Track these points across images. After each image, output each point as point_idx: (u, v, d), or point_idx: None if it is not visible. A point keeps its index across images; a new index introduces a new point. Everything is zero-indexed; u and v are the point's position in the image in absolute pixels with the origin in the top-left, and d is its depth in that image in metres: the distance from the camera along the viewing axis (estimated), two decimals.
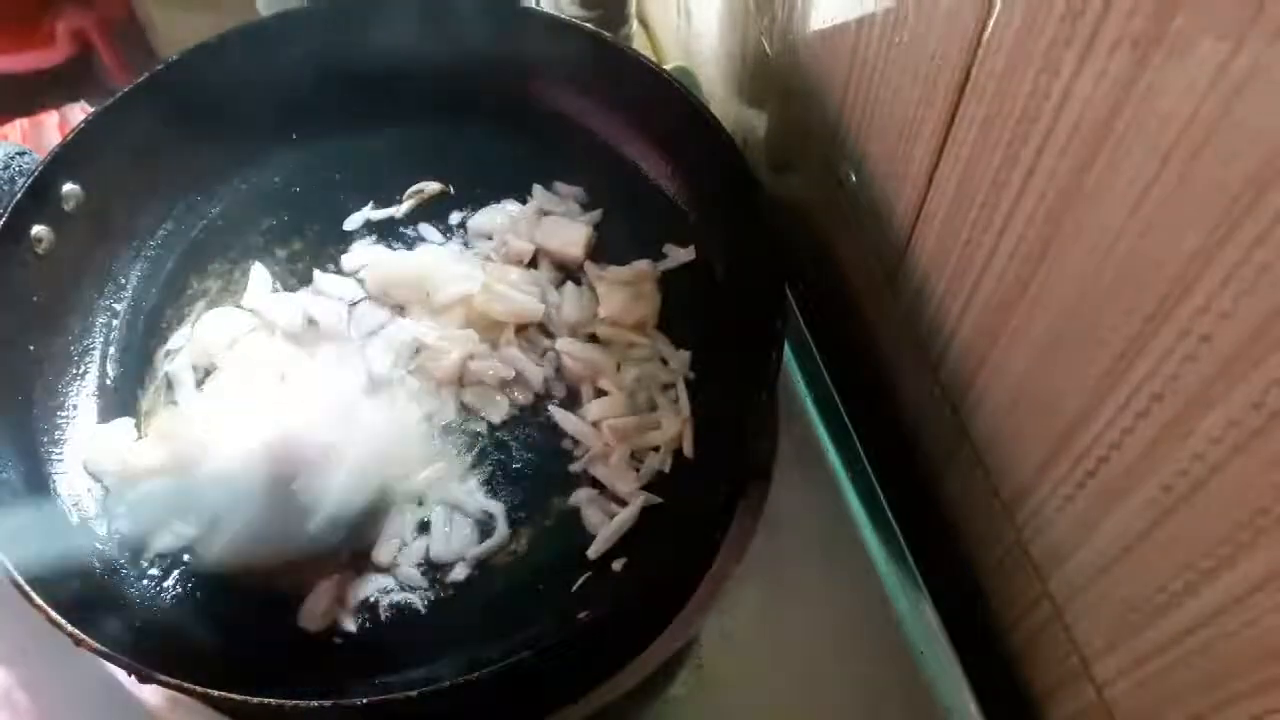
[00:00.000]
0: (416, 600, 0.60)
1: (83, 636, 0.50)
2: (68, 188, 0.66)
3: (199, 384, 0.67)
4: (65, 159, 0.66)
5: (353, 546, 0.61)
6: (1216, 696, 0.41)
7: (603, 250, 0.73)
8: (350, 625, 0.58)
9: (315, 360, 0.67)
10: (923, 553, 0.62)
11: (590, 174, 0.76)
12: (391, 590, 0.60)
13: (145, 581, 0.60)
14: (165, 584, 0.60)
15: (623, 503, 0.62)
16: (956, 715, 0.57)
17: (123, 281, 0.71)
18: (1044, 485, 0.50)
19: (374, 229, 0.75)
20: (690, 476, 0.62)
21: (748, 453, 0.62)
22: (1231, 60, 0.31)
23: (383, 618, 0.59)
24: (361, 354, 0.68)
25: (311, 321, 0.69)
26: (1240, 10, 0.30)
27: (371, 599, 0.60)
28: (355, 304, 0.71)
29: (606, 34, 0.74)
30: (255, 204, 0.76)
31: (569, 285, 0.72)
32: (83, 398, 0.67)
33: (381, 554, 0.61)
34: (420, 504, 0.63)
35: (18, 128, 0.90)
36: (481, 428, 0.66)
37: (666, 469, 0.64)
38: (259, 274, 0.72)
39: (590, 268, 0.72)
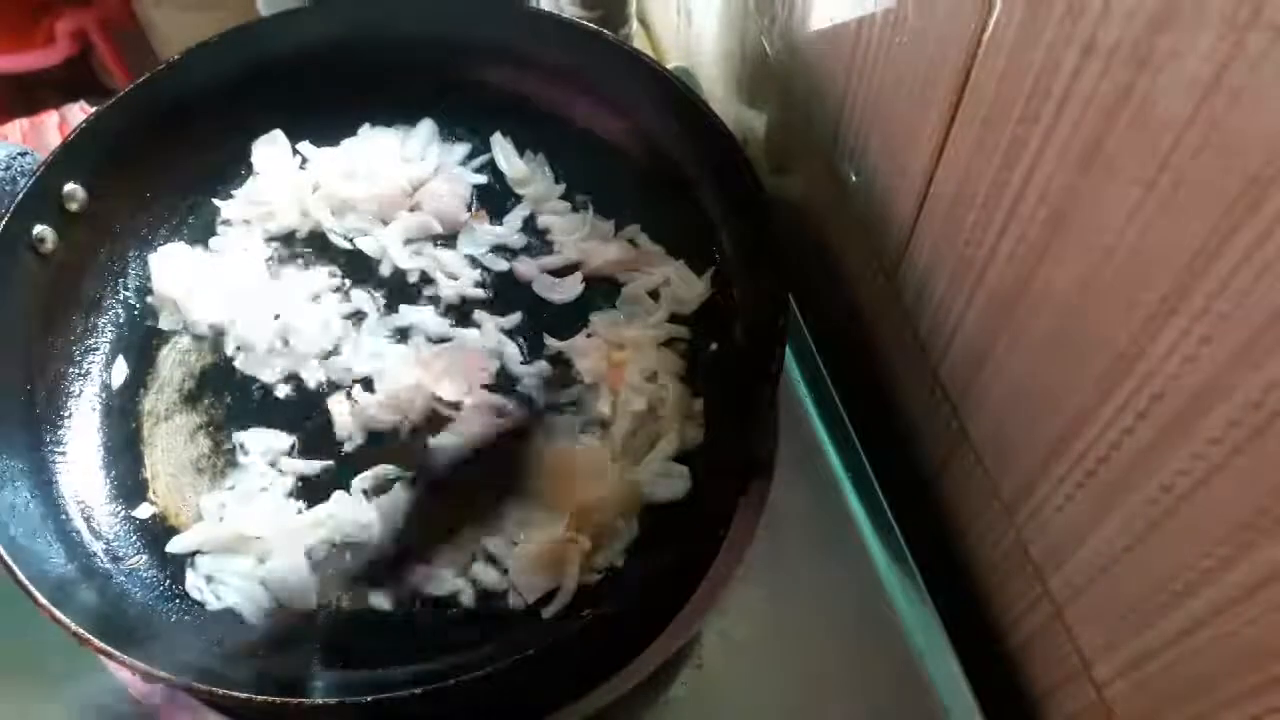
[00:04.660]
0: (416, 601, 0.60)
1: (86, 636, 0.50)
2: (69, 188, 0.66)
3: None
4: (66, 159, 0.66)
5: None
6: (1216, 696, 0.41)
7: None
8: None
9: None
10: (923, 553, 0.62)
11: (590, 174, 0.76)
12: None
13: (147, 581, 0.60)
14: (167, 583, 0.60)
15: None
16: (956, 715, 0.57)
17: (125, 281, 0.71)
18: (1044, 485, 0.50)
19: None
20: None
21: (748, 452, 0.62)
22: (1232, 61, 0.31)
23: (382, 621, 0.59)
24: None
25: None
26: (1240, 11, 0.30)
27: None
28: None
29: (607, 33, 0.74)
30: None
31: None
32: (85, 397, 0.67)
33: None
34: None
35: (18, 128, 0.90)
36: None
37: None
38: None
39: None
